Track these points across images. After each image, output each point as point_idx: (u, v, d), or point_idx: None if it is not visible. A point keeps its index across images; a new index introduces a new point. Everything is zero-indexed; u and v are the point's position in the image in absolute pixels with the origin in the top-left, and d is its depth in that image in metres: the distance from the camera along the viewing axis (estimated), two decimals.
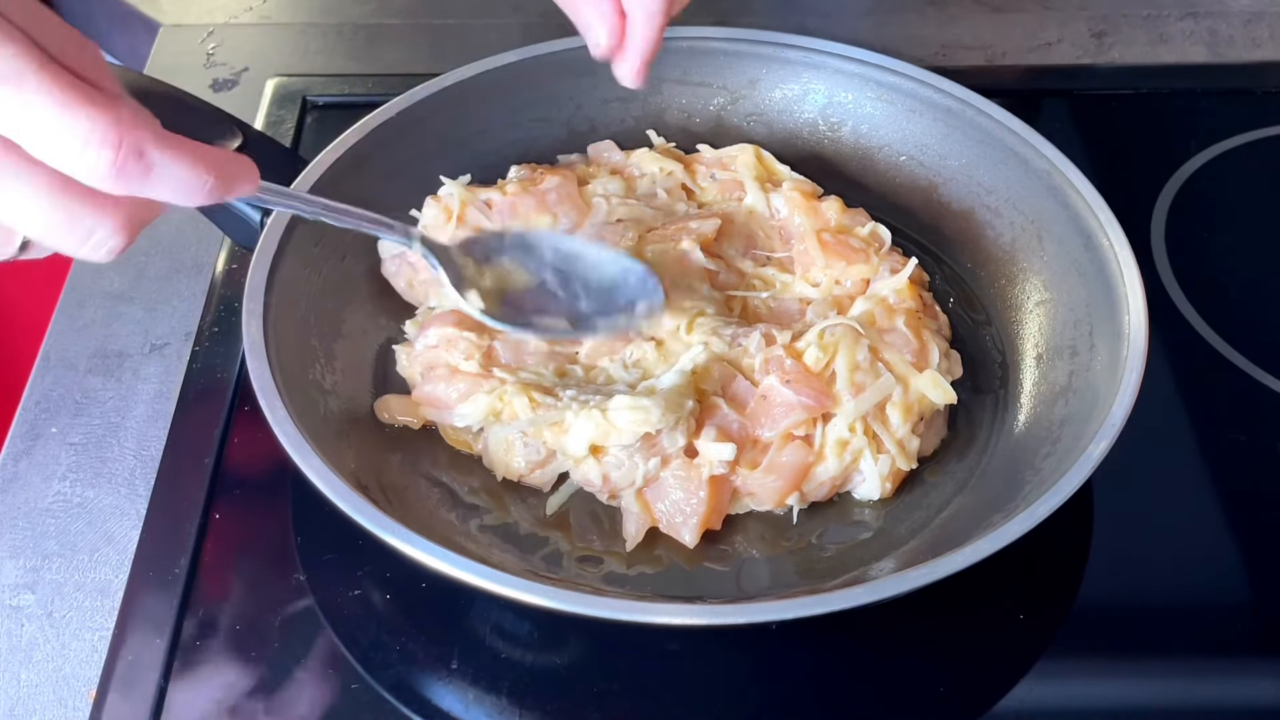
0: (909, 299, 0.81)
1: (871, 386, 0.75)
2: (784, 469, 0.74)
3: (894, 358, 0.77)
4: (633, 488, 0.73)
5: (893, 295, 0.81)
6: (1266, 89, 1.07)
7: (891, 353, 0.77)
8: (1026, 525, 0.64)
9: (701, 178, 0.89)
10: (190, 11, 1.14)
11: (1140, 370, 0.70)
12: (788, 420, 0.74)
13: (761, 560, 0.73)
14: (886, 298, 0.81)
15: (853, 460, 0.75)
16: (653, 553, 0.73)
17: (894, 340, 0.78)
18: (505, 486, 0.76)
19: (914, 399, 0.76)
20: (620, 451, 0.72)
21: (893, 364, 0.77)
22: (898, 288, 0.81)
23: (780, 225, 0.87)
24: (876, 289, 0.81)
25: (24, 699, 0.68)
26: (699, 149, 0.92)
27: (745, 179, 0.88)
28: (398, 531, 0.64)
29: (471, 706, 0.68)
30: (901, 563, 0.71)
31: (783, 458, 0.74)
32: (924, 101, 0.88)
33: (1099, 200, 0.79)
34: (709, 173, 0.89)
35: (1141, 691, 0.70)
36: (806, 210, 0.86)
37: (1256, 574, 0.75)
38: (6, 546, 0.75)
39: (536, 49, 0.90)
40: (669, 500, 0.73)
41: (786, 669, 0.70)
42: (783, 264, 0.85)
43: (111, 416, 0.81)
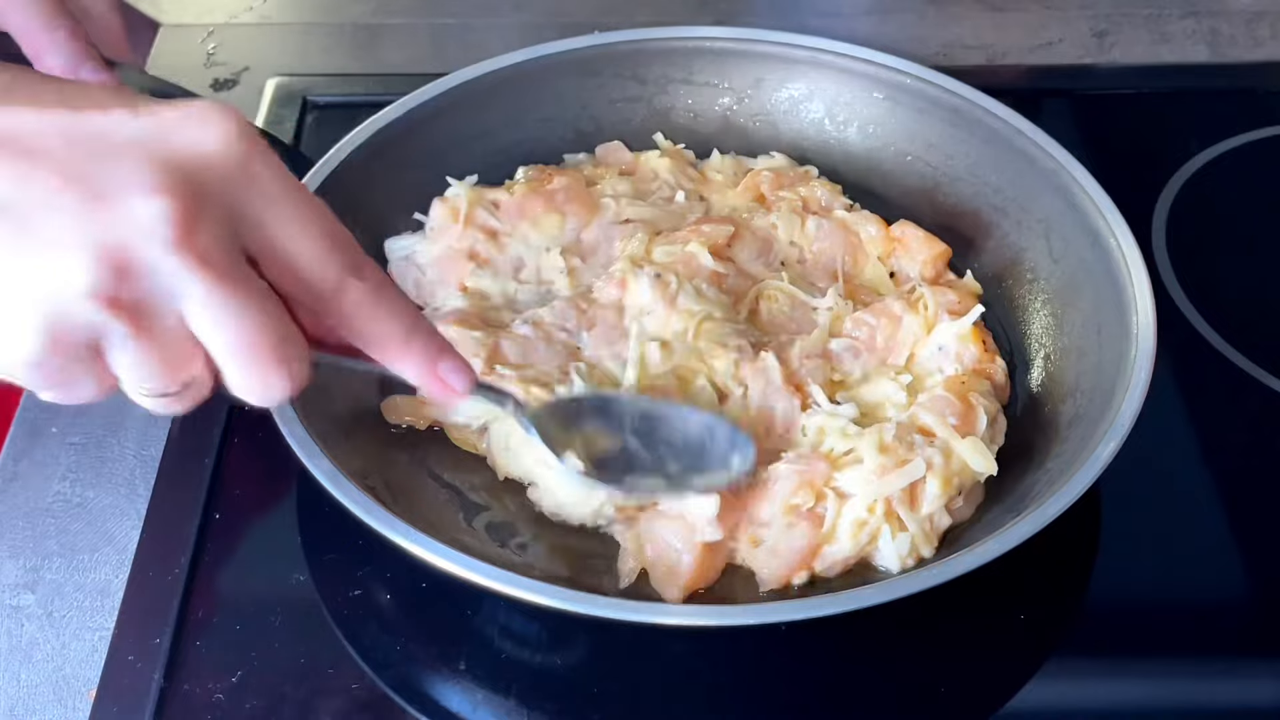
0: (972, 344, 0.77)
1: (898, 471, 0.69)
2: (789, 552, 0.69)
3: (933, 420, 0.72)
4: (612, 522, 0.71)
5: (954, 343, 0.77)
6: (1268, 88, 1.07)
7: (932, 416, 0.72)
8: (1035, 526, 0.64)
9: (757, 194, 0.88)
10: (190, 11, 1.13)
11: (1149, 371, 0.70)
12: (784, 491, 0.69)
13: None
14: (947, 354, 0.77)
15: (870, 541, 0.69)
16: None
17: (936, 405, 0.73)
18: (507, 486, 0.76)
19: (956, 469, 0.71)
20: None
21: (931, 428, 0.72)
22: (961, 333, 0.77)
23: (817, 251, 0.85)
24: (937, 338, 0.78)
25: (24, 699, 0.68)
26: (762, 171, 0.90)
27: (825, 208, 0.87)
28: (406, 532, 0.63)
29: (474, 705, 0.67)
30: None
31: (788, 539, 0.69)
32: (931, 101, 0.88)
33: (1106, 200, 0.79)
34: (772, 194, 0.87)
35: (1150, 692, 0.70)
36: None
37: (1263, 575, 0.75)
38: (6, 546, 0.74)
39: (543, 49, 0.90)
40: (659, 546, 0.69)
41: (792, 670, 0.69)
42: (798, 271, 0.84)
43: (112, 416, 0.81)
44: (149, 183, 0.47)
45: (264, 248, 0.50)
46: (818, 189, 0.88)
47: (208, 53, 1.09)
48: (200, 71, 1.06)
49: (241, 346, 0.49)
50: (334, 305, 0.53)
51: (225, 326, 0.49)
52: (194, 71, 1.06)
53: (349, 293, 0.52)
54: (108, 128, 0.48)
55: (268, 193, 0.50)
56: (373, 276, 0.53)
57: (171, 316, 0.49)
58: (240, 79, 1.06)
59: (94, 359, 0.49)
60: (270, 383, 0.51)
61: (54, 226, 0.46)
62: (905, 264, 0.85)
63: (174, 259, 0.47)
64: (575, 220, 0.83)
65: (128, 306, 0.47)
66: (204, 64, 1.07)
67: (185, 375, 0.50)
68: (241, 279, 0.49)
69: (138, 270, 0.47)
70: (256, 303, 0.50)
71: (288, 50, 1.10)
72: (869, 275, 0.85)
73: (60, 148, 0.47)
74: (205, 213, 0.48)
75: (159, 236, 0.47)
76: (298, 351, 0.52)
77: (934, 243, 0.84)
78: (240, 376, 0.51)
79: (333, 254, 0.52)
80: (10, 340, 0.47)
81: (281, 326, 0.51)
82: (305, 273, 0.51)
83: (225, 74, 1.07)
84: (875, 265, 0.85)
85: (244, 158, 0.49)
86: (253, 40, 1.11)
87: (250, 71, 1.07)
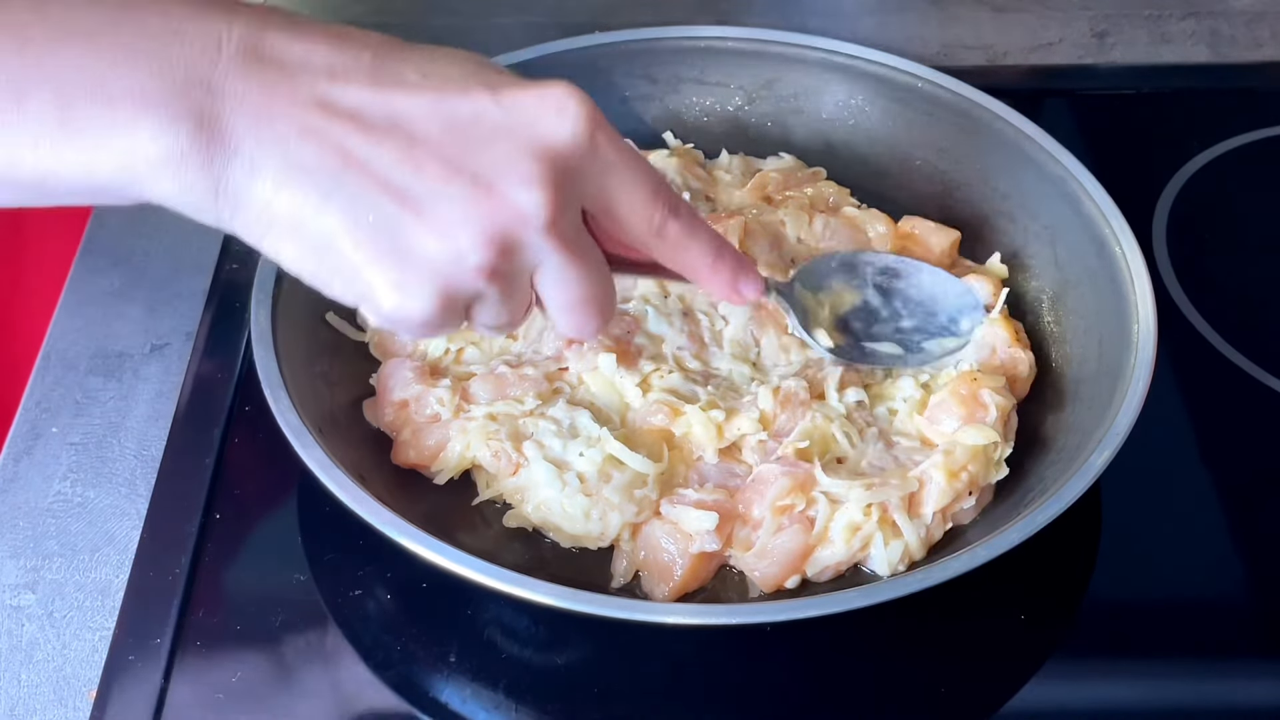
0: (1002, 330, 0.76)
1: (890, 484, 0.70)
2: (779, 554, 0.69)
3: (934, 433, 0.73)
4: (605, 538, 0.71)
5: (985, 329, 0.77)
6: (1268, 89, 1.07)
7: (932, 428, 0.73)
8: (1025, 533, 0.64)
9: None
10: None
11: (1147, 380, 0.70)
12: (773, 491, 0.69)
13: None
14: (982, 350, 0.76)
15: (863, 546, 0.70)
16: None
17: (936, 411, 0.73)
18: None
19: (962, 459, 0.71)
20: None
21: (932, 440, 0.73)
22: (992, 319, 0.77)
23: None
24: (975, 335, 0.77)
25: (24, 699, 0.68)
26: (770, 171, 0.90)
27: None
28: (399, 526, 0.64)
29: (475, 705, 0.68)
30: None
31: (778, 541, 0.69)
32: (942, 105, 0.88)
33: (1112, 207, 0.79)
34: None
35: (1150, 692, 0.70)
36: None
37: (1263, 575, 0.75)
38: (7, 546, 0.74)
39: (554, 46, 0.89)
40: (653, 549, 0.69)
41: (787, 670, 0.69)
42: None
43: (112, 416, 0.81)
44: (525, 174, 0.54)
45: (601, 208, 0.59)
46: (825, 189, 0.87)
47: None
48: None
49: (574, 303, 0.59)
50: (655, 243, 0.61)
51: (565, 288, 0.59)
52: None
53: (669, 232, 0.61)
54: (477, 114, 0.55)
55: (608, 161, 0.58)
56: (686, 214, 0.62)
57: (528, 278, 0.58)
58: None
59: (465, 312, 0.58)
60: (587, 328, 0.61)
61: (449, 212, 0.54)
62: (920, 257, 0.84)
63: (543, 239, 0.56)
64: None
65: (503, 276, 0.56)
66: None
67: (521, 320, 0.60)
68: (586, 249, 0.59)
69: (516, 250, 0.56)
70: (593, 269, 0.59)
71: None
72: None
73: (439, 134, 0.54)
74: (567, 196, 0.56)
75: (535, 223, 0.55)
76: (611, 304, 0.61)
77: (945, 231, 0.84)
78: (565, 322, 0.61)
79: (655, 202, 0.60)
80: (412, 302, 0.55)
81: (606, 285, 0.61)
82: (633, 223, 0.60)
83: None
84: None
85: (593, 138, 0.57)
86: None
87: None
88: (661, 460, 0.71)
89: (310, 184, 0.53)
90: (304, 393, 0.70)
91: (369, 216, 0.53)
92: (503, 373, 0.75)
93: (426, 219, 0.54)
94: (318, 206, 0.53)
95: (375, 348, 0.79)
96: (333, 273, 0.55)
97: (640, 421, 0.73)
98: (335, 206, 0.53)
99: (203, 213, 0.55)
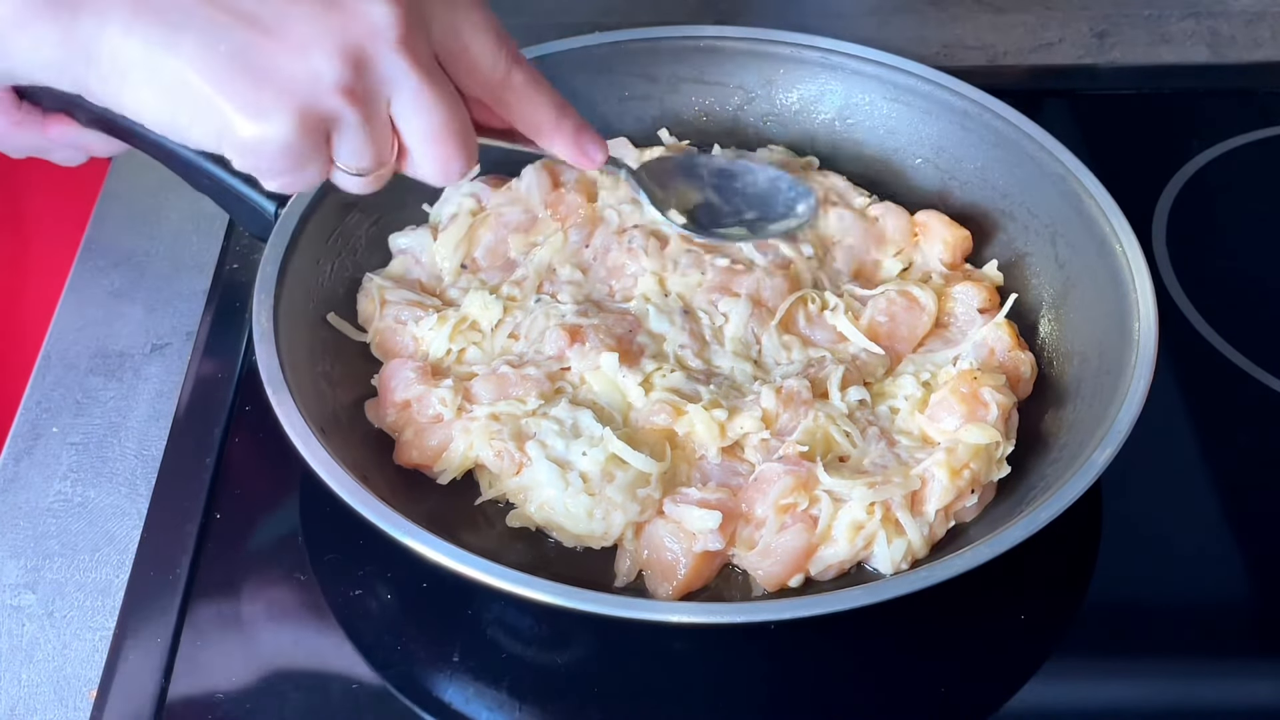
0: (1005, 334, 0.77)
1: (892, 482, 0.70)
2: (782, 553, 0.69)
3: (935, 431, 0.73)
4: (608, 538, 0.70)
5: (988, 332, 0.77)
6: (1268, 89, 1.07)
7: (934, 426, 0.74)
8: (1028, 531, 0.64)
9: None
10: None
11: (1148, 379, 0.70)
12: (776, 490, 0.69)
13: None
14: (981, 352, 0.77)
15: (866, 545, 0.69)
16: None
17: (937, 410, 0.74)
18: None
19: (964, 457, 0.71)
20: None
21: (933, 438, 0.73)
22: (996, 322, 0.78)
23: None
24: (975, 336, 0.78)
25: (25, 698, 0.68)
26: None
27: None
28: (402, 526, 0.64)
29: (476, 703, 0.68)
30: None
31: (781, 539, 0.69)
32: (941, 104, 0.88)
33: (1113, 205, 0.79)
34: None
35: (1150, 692, 0.70)
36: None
37: (1263, 575, 0.75)
38: (8, 546, 0.74)
39: (555, 45, 0.89)
40: (656, 548, 0.69)
41: (789, 669, 0.70)
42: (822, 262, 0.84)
43: (112, 416, 0.81)
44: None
45: (450, 48, 0.60)
46: (837, 180, 0.87)
47: None
48: None
49: (435, 132, 0.59)
50: (501, 92, 0.62)
51: (425, 115, 0.58)
52: None
53: (514, 80, 0.62)
54: None
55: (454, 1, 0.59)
56: (529, 66, 0.63)
57: (384, 106, 0.58)
58: None
59: (326, 143, 0.57)
60: (452, 163, 0.60)
61: (299, 30, 0.54)
62: (925, 250, 0.84)
63: (397, 56, 0.56)
64: (578, 234, 0.83)
65: (360, 96, 0.56)
66: None
67: (386, 158, 0.60)
68: (438, 75, 0.59)
69: (369, 65, 0.56)
70: (448, 96, 0.59)
71: None
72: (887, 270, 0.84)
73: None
74: (417, 17, 0.57)
75: (387, 37, 0.56)
76: (472, 139, 0.61)
77: (956, 228, 0.84)
78: (429, 157, 0.60)
79: (501, 49, 0.62)
80: (270, 125, 0.55)
81: (463, 117, 0.60)
82: (481, 66, 0.61)
83: None
84: (893, 261, 0.84)
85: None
86: None
87: None
88: (664, 459, 0.71)
89: (158, 22, 0.54)
90: (306, 393, 0.70)
91: (220, 46, 0.54)
92: (505, 373, 0.75)
93: (278, 39, 0.54)
94: (168, 44, 0.54)
95: (376, 348, 0.79)
96: (191, 114, 0.55)
97: (643, 421, 0.73)
98: (186, 41, 0.54)
99: (61, 72, 0.56)
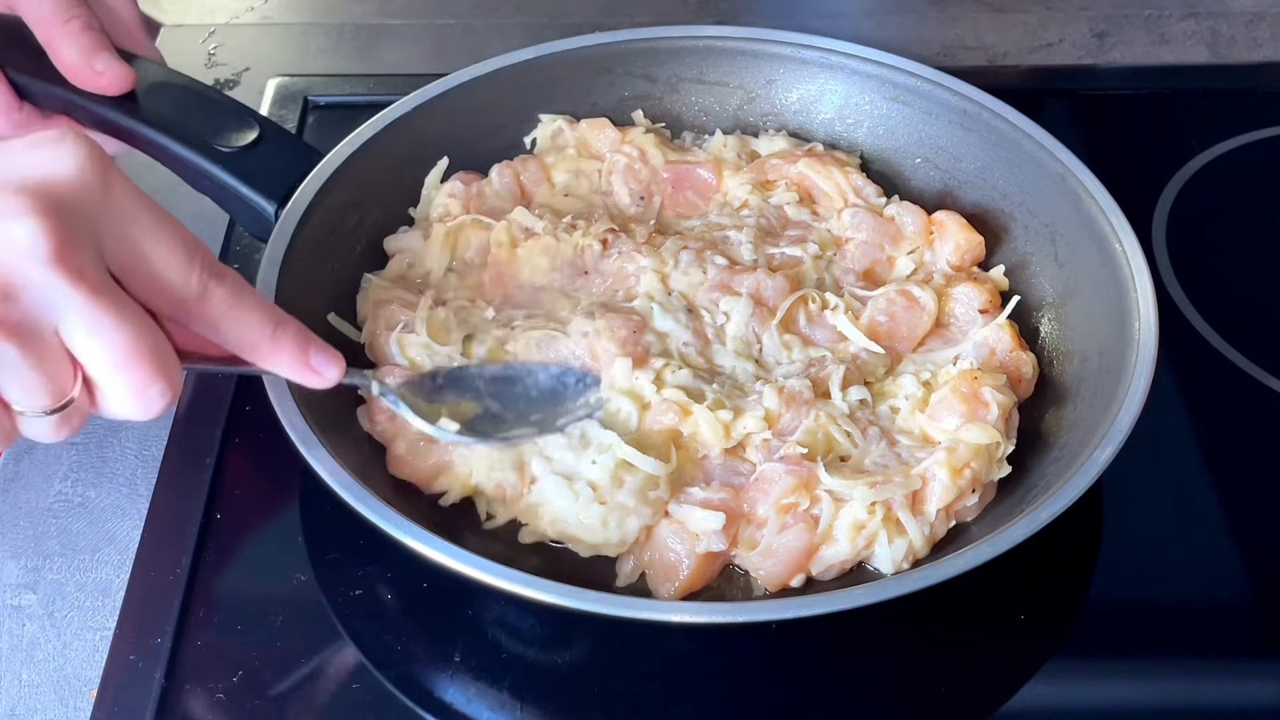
0: (1007, 335, 0.77)
1: (894, 482, 0.70)
2: (784, 553, 0.69)
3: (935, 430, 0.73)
4: (624, 544, 0.70)
5: (990, 333, 0.77)
6: (1268, 89, 1.07)
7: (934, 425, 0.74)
8: (1029, 530, 0.64)
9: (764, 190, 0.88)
10: (192, 11, 1.14)
11: (1149, 378, 0.70)
12: (777, 490, 0.69)
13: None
14: (982, 352, 0.77)
15: (867, 544, 0.69)
16: None
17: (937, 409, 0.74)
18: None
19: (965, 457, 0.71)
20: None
21: (934, 437, 0.73)
22: (999, 323, 0.78)
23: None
24: (976, 337, 0.78)
25: (25, 698, 0.68)
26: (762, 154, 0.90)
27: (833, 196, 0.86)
28: (403, 526, 0.64)
29: (476, 703, 0.68)
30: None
31: (782, 539, 0.69)
32: (941, 104, 0.88)
33: (1113, 205, 0.79)
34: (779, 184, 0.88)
35: (1150, 692, 0.70)
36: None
37: (1263, 575, 0.75)
38: (8, 546, 0.74)
39: (555, 45, 0.90)
40: (659, 548, 0.69)
41: (789, 669, 0.70)
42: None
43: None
44: (18, 207, 0.49)
45: (128, 263, 0.53)
46: (855, 176, 0.87)
47: (209, 53, 1.09)
48: (201, 72, 1.06)
49: (119, 358, 0.52)
50: (200, 310, 0.55)
51: (101, 339, 0.51)
52: (195, 72, 1.05)
53: (213, 296, 0.55)
54: None
55: (126, 211, 0.53)
56: (232, 279, 0.57)
57: (51, 334, 0.51)
58: (241, 79, 1.06)
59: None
60: (148, 393, 0.53)
61: None
62: (936, 249, 0.84)
63: (51, 275, 0.50)
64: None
65: (13, 327, 0.50)
66: (205, 64, 1.08)
67: (67, 391, 0.52)
68: (113, 293, 0.52)
69: (19, 290, 0.49)
70: (130, 315, 0.52)
71: (288, 50, 1.10)
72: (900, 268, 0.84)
73: None
74: (75, 231, 0.50)
75: (36, 255, 0.49)
76: (171, 361, 0.54)
77: (972, 232, 0.84)
78: (118, 388, 0.53)
79: (192, 261, 0.55)
80: None
81: (154, 337, 0.53)
82: (169, 282, 0.54)
83: (226, 74, 1.07)
84: (906, 260, 0.84)
85: (99, 180, 0.52)
86: (254, 41, 1.11)
87: (251, 72, 1.07)
88: (669, 460, 0.71)
89: None
90: (307, 393, 0.70)
91: None
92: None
93: None
94: None
95: (368, 351, 0.79)
96: None
97: (650, 422, 0.73)
98: None
99: None
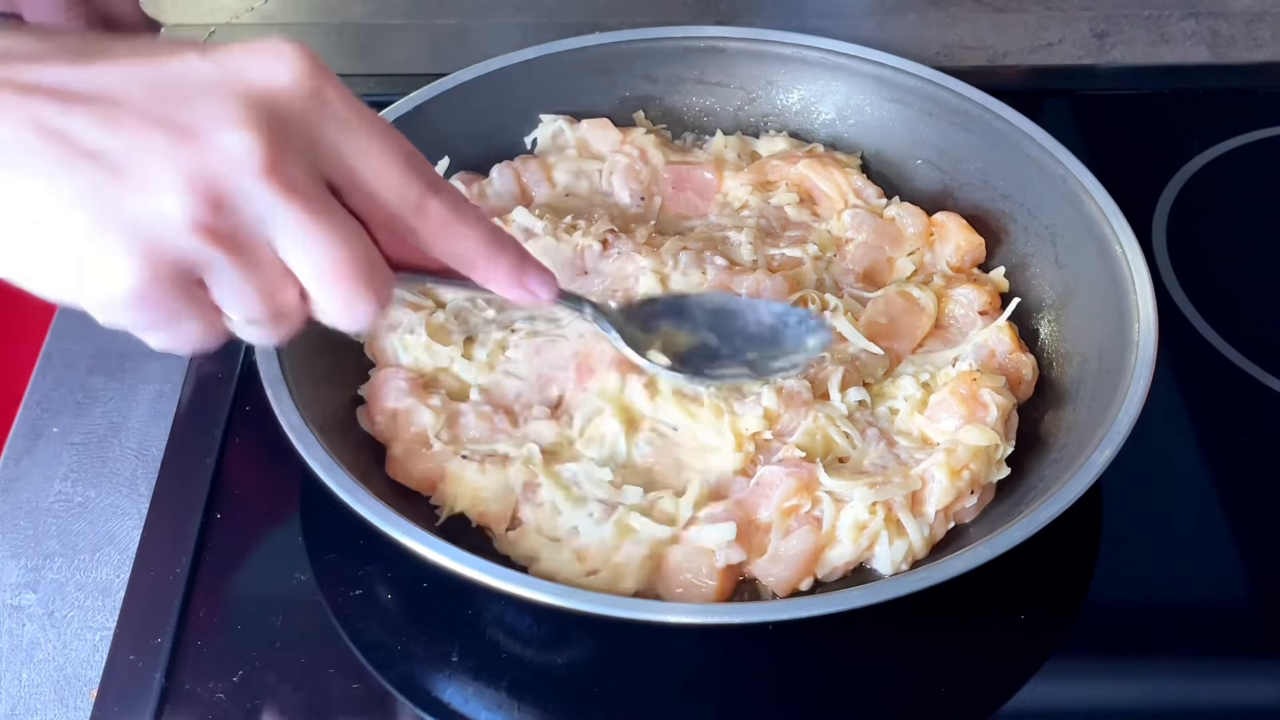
0: (1006, 337, 0.77)
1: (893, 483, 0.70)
2: (792, 558, 0.69)
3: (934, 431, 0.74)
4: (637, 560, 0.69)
5: (990, 335, 0.77)
6: (1268, 89, 1.07)
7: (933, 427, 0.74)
8: (1028, 532, 0.64)
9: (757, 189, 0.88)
10: (191, 12, 1.14)
11: (1148, 379, 0.70)
12: (779, 493, 0.70)
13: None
14: (981, 353, 0.77)
15: (870, 545, 0.70)
16: None
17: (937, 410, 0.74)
18: None
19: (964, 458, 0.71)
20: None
21: (933, 438, 0.73)
22: (999, 325, 0.78)
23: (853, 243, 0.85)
24: (975, 338, 0.78)
25: (25, 698, 0.68)
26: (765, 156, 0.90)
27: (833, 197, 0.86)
28: (403, 527, 0.64)
29: (476, 704, 0.68)
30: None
31: (789, 544, 0.69)
32: (941, 105, 0.88)
33: (1113, 206, 0.79)
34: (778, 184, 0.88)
35: (1149, 692, 0.70)
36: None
37: (1263, 575, 0.75)
38: (8, 546, 0.74)
39: (555, 46, 0.90)
40: (674, 578, 0.68)
41: (788, 669, 0.70)
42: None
43: (113, 416, 0.81)
44: (233, 117, 0.49)
45: (345, 175, 0.52)
46: (855, 177, 0.87)
47: None
48: None
49: (330, 271, 0.51)
50: (417, 224, 0.54)
51: (314, 252, 0.51)
52: None
53: (430, 210, 0.54)
54: (184, 70, 0.49)
55: (344, 120, 0.52)
56: (451, 193, 0.55)
57: (265, 245, 0.50)
58: None
59: (196, 294, 0.51)
60: (357, 306, 0.53)
61: (147, 167, 0.48)
62: (936, 250, 0.84)
63: (263, 188, 0.49)
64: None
65: (224, 236, 0.49)
66: None
67: (281, 302, 0.52)
68: (326, 206, 0.51)
69: (231, 201, 0.49)
70: (342, 228, 0.51)
71: None
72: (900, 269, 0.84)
73: (143, 95, 0.49)
74: (289, 143, 0.50)
75: (248, 167, 0.49)
76: (382, 275, 0.53)
77: (972, 234, 0.84)
78: (329, 301, 0.52)
79: (410, 174, 0.53)
80: (115, 275, 0.49)
81: (366, 251, 0.52)
82: (387, 194, 0.53)
83: None
84: (907, 261, 0.84)
85: (317, 88, 0.51)
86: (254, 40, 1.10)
87: None
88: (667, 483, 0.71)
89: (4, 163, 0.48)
90: (305, 392, 0.70)
91: (66, 187, 0.48)
92: (485, 411, 0.74)
93: (124, 177, 0.48)
94: (13, 186, 0.48)
95: (368, 349, 0.79)
96: (41, 262, 0.49)
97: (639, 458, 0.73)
98: (31, 182, 0.48)
99: None
